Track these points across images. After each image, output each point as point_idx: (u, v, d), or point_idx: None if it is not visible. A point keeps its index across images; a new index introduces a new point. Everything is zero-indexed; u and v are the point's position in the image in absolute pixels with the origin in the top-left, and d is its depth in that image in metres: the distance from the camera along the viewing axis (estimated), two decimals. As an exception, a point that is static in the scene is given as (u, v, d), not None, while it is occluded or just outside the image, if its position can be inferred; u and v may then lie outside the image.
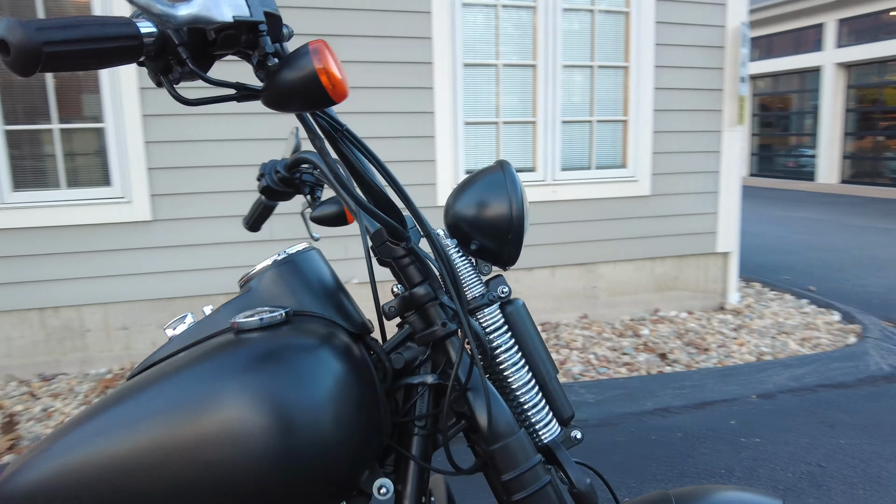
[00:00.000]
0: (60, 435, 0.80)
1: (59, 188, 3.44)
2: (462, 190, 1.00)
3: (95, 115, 3.47)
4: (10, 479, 0.80)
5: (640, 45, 4.16)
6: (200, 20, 0.67)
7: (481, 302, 0.97)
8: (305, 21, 3.59)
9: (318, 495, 0.83)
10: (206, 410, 0.78)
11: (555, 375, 1.00)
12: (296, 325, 0.88)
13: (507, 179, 0.98)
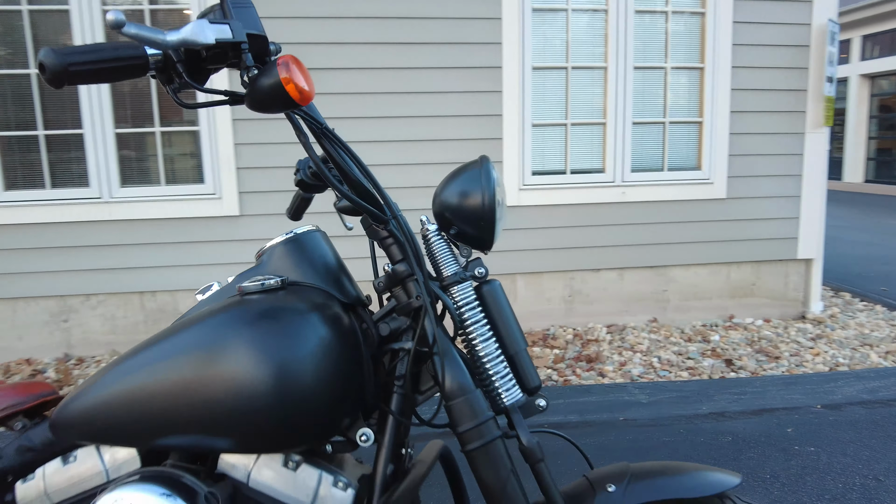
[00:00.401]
0: (104, 372, 1.01)
1: (159, 185, 3.84)
2: (447, 182, 1.12)
3: (192, 119, 3.85)
4: (66, 406, 1.01)
5: (717, 46, 4.08)
6: (187, 43, 0.84)
7: (454, 279, 1.08)
8: (387, 31, 3.80)
9: (301, 434, 0.98)
10: (210, 355, 0.95)
11: (524, 349, 1.10)
12: (291, 291, 1.04)
13: (482, 174, 1.09)
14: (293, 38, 3.75)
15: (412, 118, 3.92)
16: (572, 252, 4.19)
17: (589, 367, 3.62)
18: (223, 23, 0.88)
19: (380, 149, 3.91)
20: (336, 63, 3.81)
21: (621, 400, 3.14)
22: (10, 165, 3.76)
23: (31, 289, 3.78)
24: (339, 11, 3.77)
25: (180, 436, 0.97)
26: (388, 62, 3.85)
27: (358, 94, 3.86)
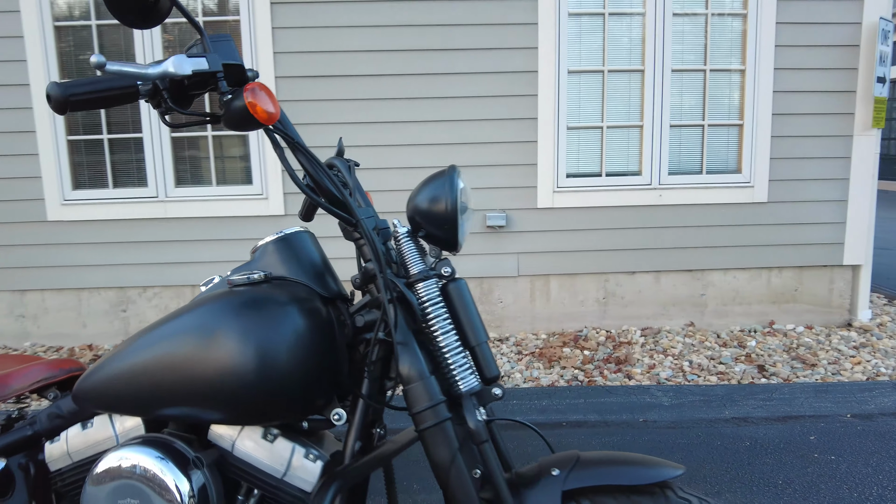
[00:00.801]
0: (115, 352, 1.17)
1: (210, 185, 4.10)
2: (418, 190, 1.23)
3: (242, 123, 4.08)
4: (84, 380, 1.18)
5: (759, 48, 4.03)
6: (168, 75, 0.99)
7: (419, 276, 1.19)
8: (426, 38, 3.94)
9: (277, 411, 1.11)
10: (200, 338, 1.10)
11: (485, 342, 1.19)
12: (274, 285, 1.17)
13: (447, 182, 1.19)
14: (340, 47, 3.93)
15: (449, 122, 4.03)
16: (607, 254, 4.22)
17: (617, 369, 3.65)
18: (201, 56, 1.02)
19: (418, 152, 4.05)
20: (380, 70, 3.96)
21: (643, 402, 3.16)
22: (77, 167, 4.09)
23: (94, 280, 4.09)
24: (382, 21, 3.93)
25: (176, 408, 1.12)
26: (426, 68, 3.98)
27: (398, 99, 4.00)
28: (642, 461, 1.14)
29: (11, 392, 1.30)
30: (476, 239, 4.14)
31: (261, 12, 3.89)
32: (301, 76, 3.98)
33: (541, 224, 4.16)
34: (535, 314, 4.27)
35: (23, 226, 4.06)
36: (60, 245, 4.08)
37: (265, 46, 3.93)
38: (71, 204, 4.04)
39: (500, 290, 4.23)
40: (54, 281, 4.12)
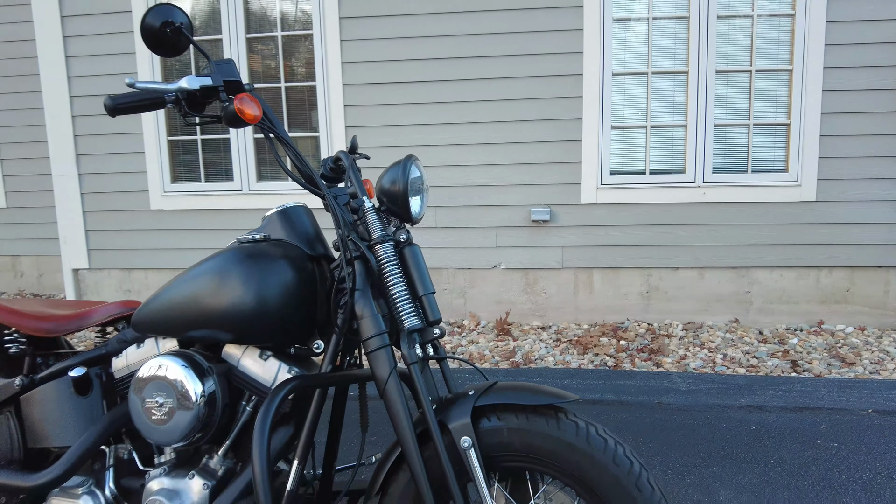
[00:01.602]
0: (160, 290, 1.59)
1: (287, 180, 4.62)
2: (383, 173, 1.57)
3: (315, 127, 4.58)
4: (137, 312, 1.61)
5: (808, 47, 4.06)
6: (182, 89, 1.39)
7: (378, 240, 1.52)
8: (477, 46, 4.27)
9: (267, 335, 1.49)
10: (214, 279, 1.49)
11: (431, 293, 1.51)
12: (271, 244, 1.56)
13: (402, 168, 1.53)
14: (400, 56, 4.34)
15: (497, 122, 4.34)
16: (650, 249, 4.37)
17: (647, 358, 3.82)
18: (207, 75, 1.42)
19: (469, 151, 4.38)
20: (436, 76, 4.34)
21: (661, 386, 3.34)
22: (175, 163, 4.73)
23: (188, 261, 4.71)
24: (438, 31, 4.30)
25: (198, 331, 1.52)
26: (477, 74, 4.31)
27: (451, 102, 4.36)
28: (544, 390, 1.42)
29: (92, 323, 1.76)
30: (521, 232, 4.42)
31: (331, 27, 4.36)
32: (365, 83, 4.42)
33: (584, 219, 4.38)
34: (578, 305, 4.49)
35: (130, 213, 4.75)
36: (161, 230, 4.74)
37: (334, 56, 4.40)
38: (170, 195, 4.69)
39: (544, 281, 4.48)
40: (155, 261, 4.78)
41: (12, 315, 1.77)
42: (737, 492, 2.33)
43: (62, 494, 1.65)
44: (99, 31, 4.67)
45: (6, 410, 1.80)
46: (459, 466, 1.38)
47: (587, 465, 1.32)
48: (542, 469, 1.37)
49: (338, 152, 1.67)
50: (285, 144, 1.53)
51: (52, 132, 4.83)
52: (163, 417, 1.48)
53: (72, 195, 4.87)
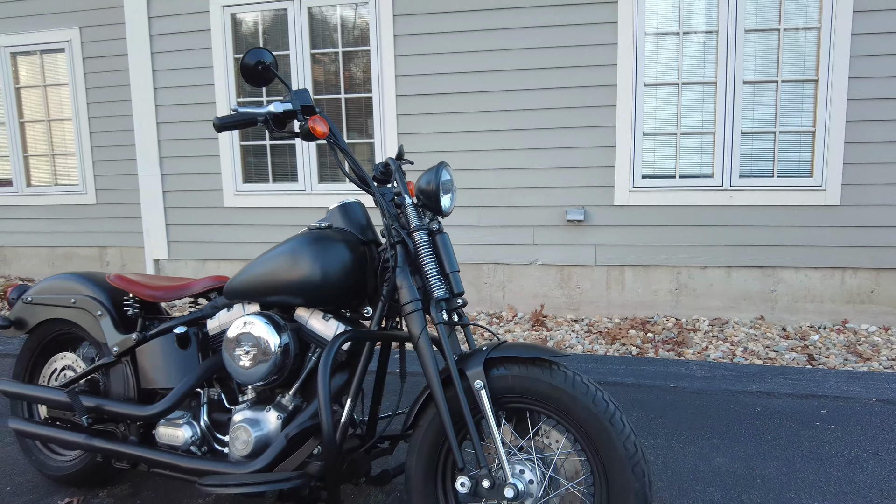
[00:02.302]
0: (252, 261, 2.04)
1: (345, 181, 5.11)
2: (421, 176, 1.98)
3: (370, 134, 5.05)
4: (228, 284, 2.07)
5: (833, 58, 4.27)
6: (270, 112, 1.83)
7: (415, 228, 1.92)
8: (521, 59, 4.66)
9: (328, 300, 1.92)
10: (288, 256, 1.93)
11: (456, 271, 1.91)
12: (333, 230, 1.99)
13: (435, 172, 1.93)
14: (448, 69, 4.77)
15: (537, 130, 4.71)
16: (680, 249, 4.66)
17: (671, 349, 4.12)
18: (289, 101, 1.86)
19: (509, 156, 4.77)
20: (480, 88, 4.74)
21: (678, 372, 3.64)
22: (246, 165, 5.28)
23: (254, 254, 5.26)
24: (482, 46, 4.70)
25: (276, 297, 1.97)
26: (518, 85, 4.69)
27: (494, 111, 4.75)
28: (542, 347, 1.80)
29: (192, 293, 2.23)
30: (557, 231, 4.77)
31: (386, 43, 4.82)
32: (416, 94, 4.86)
33: (617, 219, 4.70)
34: (610, 300, 4.81)
35: (206, 210, 5.33)
36: (232, 226, 5.30)
37: (389, 70, 4.86)
38: (241, 194, 5.24)
39: (578, 277, 4.82)
40: (227, 253, 5.35)
41: (131, 284, 2.27)
42: (730, 459, 2.64)
43: (167, 424, 2.12)
44: (181, 47, 5.27)
45: (124, 359, 2.29)
46: (474, 406, 1.77)
47: (572, 404, 1.69)
48: (539, 409, 1.76)
49: (387, 159, 2.08)
50: (345, 153, 1.96)
51: (139, 137, 5.46)
52: (249, 363, 1.93)
53: (155, 193, 5.48)
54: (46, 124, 6.53)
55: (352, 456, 1.98)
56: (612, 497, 1.66)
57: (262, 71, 1.90)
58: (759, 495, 2.35)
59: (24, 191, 6.63)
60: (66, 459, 2.51)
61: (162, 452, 2.06)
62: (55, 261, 6.58)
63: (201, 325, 2.22)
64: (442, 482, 1.84)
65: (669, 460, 2.65)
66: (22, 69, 6.51)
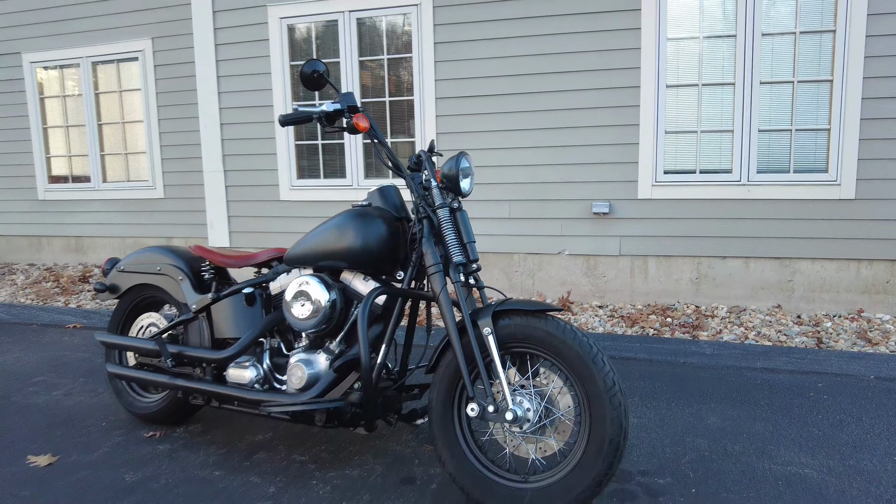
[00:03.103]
0: (307, 234, 2.50)
1: (385, 179, 5.56)
2: (444, 163, 2.39)
3: (412, 133, 5.50)
4: (289, 253, 2.54)
5: (848, 60, 4.50)
6: (323, 112, 2.28)
7: (439, 206, 2.34)
8: (547, 63, 5.04)
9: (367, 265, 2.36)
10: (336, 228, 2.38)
11: (472, 241, 2.31)
12: (372, 208, 2.43)
13: (456, 160, 2.34)
14: (482, 74, 5.18)
15: (564, 129, 5.07)
16: (700, 240, 4.94)
17: (686, 332, 4.42)
18: (338, 102, 2.31)
19: (538, 153, 5.14)
20: (511, 90, 5.14)
21: (689, 350, 3.95)
22: (300, 163, 5.80)
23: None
24: (512, 52, 5.10)
25: (326, 261, 2.41)
26: (546, 87, 5.06)
27: (523, 112, 5.14)
28: (542, 303, 2.18)
29: (258, 262, 2.70)
30: (583, 223, 5.12)
31: (427, 51, 5.26)
32: (454, 97, 5.28)
33: (640, 212, 5.02)
34: (634, 289, 5.13)
35: (264, 203, 5.88)
36: (287, 217, 5.83)
37: (429, 75, 5.29)
38: (296, 188, 5.76)
39: (603, 266, 5.15)
40: (283, 242, 5.87)
41: (209, 253, 2.76)
42: (722, 420, 2.96)
43: (236, 366, 2.59)
44: (243, 55, 5.82)
45: (201, 316, 2.78)
46: (485, 351, 2.17)
47: (563, 347, 2.07)
48: (536, 352, 2.14)
49: (419, 151, 2.51)
50: (382, 145, 2.39)
51: (204, 137, 6.04)
52: (304, 314, 2.38)
53: (218, 188, 6.06)
54: (121, 126, 7.20)
55: (385, 393, 2.41)
56: (594, 423, 2.03)
57: (316, 78, 2.35)
58: (742, 446, 2.68)
59: (101, 186, 7.32)
60: (150, 401, 3.02)
61: (231, 388, 2.53)
62: (126, 250, 7.25)
63: (264, 287, 2.69)
64: (457, 410, 2.24)
65: (667, 419, 2.99)
66: (101, 76, 7.21)
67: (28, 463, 2.64)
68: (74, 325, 4.99)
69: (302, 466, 2.55)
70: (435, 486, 2.38)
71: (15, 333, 4.81)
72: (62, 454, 2.73)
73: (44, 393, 3.50)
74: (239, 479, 2.46)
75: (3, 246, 7.83)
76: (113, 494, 2.37)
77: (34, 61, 7.31)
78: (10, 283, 6.78)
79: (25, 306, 5.73)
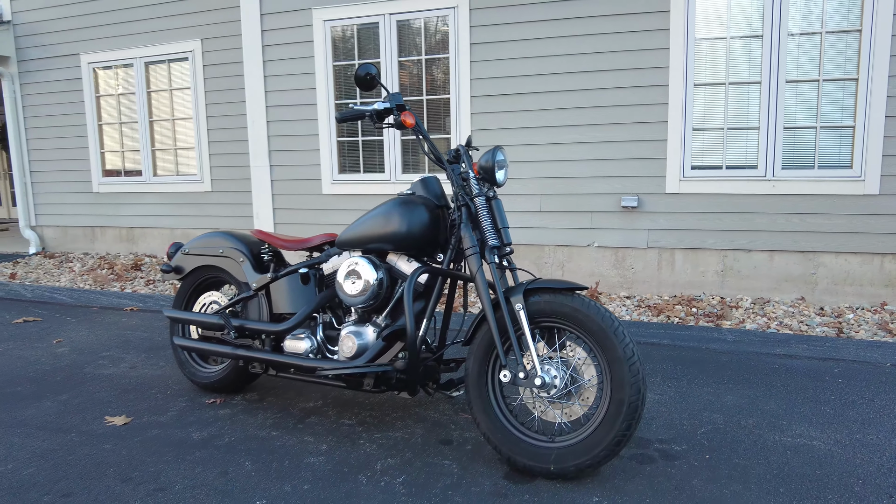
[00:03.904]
0: (356, 220, 2.78)
1: (421, 174, 5.83)
2: (481, 156, 2.64)
3: (447, 129, 5.76)
4: (341, 237, 2.82)
5: (874, 58, 4.62)
6: (374, 110, 2.56)
7: (476, 194, 2.58)
8: (579, 63, 5.25)
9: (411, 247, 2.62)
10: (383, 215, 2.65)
11: (506, 227, 2.56)
12: (415, 197, 2.69)
13: (491, 154, 2.58)
14: (514, 73, 5.41)
15: (594, 125, 5.28)
16: (726, 233, 5.11)
17: (710, 321, 4.60)
18: (387, 101, 2.58)
19: (569, 149, 5.35)
20: (543, 88, 5.36)
21: (711, 336, 4.14)
22: (341, 158, 6.11)
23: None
24: (544, 52, 5.32)
25: (374, 244, 2.69)
26: (578, 85, 5.28)
27: (556, 109, 5.35)
28: (568, 281, 2.42)
29: (312, 245, 2.99)
30: (612, 217, 5.32)
31: (463, 51, 5.52)
32: (488, 95, 5.53)
33: (668, 206, 5.20)
34: (661, 280, 5.31)
35: (307, 196, 6.20)
36: (329, 210, 6.14)
37: (465, 74, 5.55)
38: (337, 182, 6.07)
39: (631, 258, 5.35)
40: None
41: (269, 237, 3.06)
42: (739, 398, 3.16)
43: (293, 338, 2.88)
44: (288, 56, 6.15)
45: (261, 293, 3.08)
46: (516, 325, 2.42)
47: (587, 321, 2.31)
48: (563, 325, 2.38)
49: (458, 145, 2.76)
50: (426, 139, 2.65)
51: (251, 133, 6.39)
52: (354, 291, 2.66)
53: (264, 182, 6.40)
54: (171, 123, 7.61)
55: (426, 363, 2.67)
56: (614, 388, 2.27)
57: (369, 80, 2.62)
58: (756, 420, 2.88)
59: (151, 180, 7.74)
60: (210, 371, 3.33)
61: (289, 356, 2.82)
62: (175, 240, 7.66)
63: (317, 268, 2.98)
64: (491, 377, 2.49)
65: (686, 396, 3.19)
66: (153, 76, 7.62)
67: (106, 423, 2.97)
68: (132, 308, 5.37)
69: (350, 429, 2.83)
70: (470, 447, 2.64)
71: (79, 314, 5.20)
72: (135, 416, 3.05)
73: (112, 366, 3.85)
74: (294, 438, 2.75)
75: (61, 236, 8.33)
76: (184, 449, 2.68)
77: (91, 62, 7.76)
78: (69, 269, 7.24)
79: (85, 290, 6.14)
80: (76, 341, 4.40)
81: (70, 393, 3.39)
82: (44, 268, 7.42)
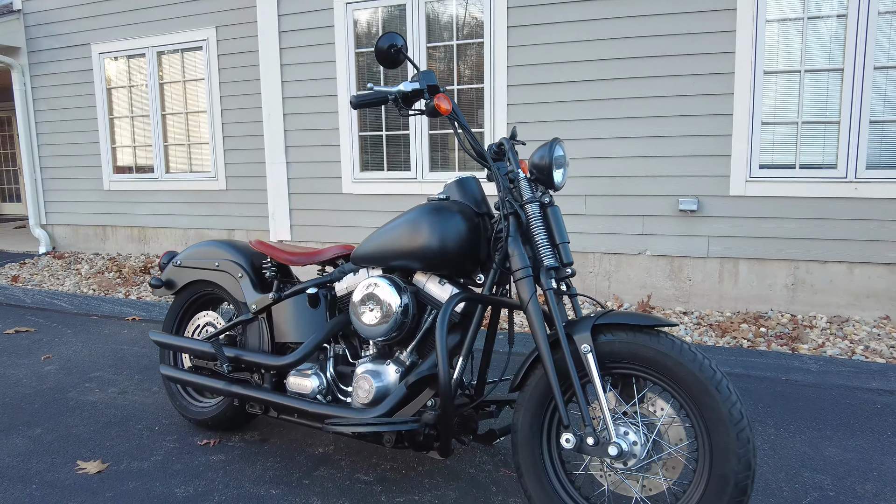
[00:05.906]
0: (377, 230, 2.24)
1: (454, 170, 5.28)
2: (535, 151, 2.09)
3: (480, 124, 5.20)
4: (355, 252, 2.28)
5: (981, 41, 3.96)
6: (400, 91, 2.00)
7: (528, 201, 2.03)
8: (634, 47, 4.65)
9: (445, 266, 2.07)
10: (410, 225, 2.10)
11: (566, 242, 2.00)
12: (450, 202, 2.14)
13: (549, 148, 2.03)
14: (558, 59, 4.83)
15: (648, 118, 4.68)
16: (798, 242, 4.47)
17: (783, 344, 3.98)
18: (416, 81, 2.02)
19: (620, 144, 4.76)
20: (590, 76, 4.77)
21: (790, 365, 3.53)
22: (363, 154, 5.58)
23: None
24: (592, 35, 4.73)
25: (398, 261, 2.14)
26: (629, 73, 4.68)
27: (604, 100, 4.76)
28: (651, 316, 1.86)
29: (322, 259, 2.46)
30: (668, 221, 4.71)
31: (499, 35, 4.95)
32: (527, 84, 4.95)
33: (732, 210, 4.58)
34: (722, 294, 4.69)
35: (326, 196, 5.69)
36: (350, 211, 5.62)
37: (501, 61, 4.98)
38: (358, 181, 5.55)
39: (689, 268, 4.74)
40: (344, 236, 5.67)
41: (271, 249, 2.53)
42: (844, 451, 2.56)
43: (297, 374, 2.36)
44: (307, 43, 5.64)
45: (261, 316, 2.56)
46: (581, 370, 1.86)
47: (679, 370, 1.74)
48: (644, 374, 1.82)
49: (501, 139, 2.21)
50: (465, 129, 2.10)
51: (267, 128, 5.90)
52: (373, 320, 2.12)
53: (280, 179, 5.91)
54: (184, 116, 7.16)
55: (461, 411, 2.12)
56: (716, 461, 1.70)
57: (393, 53, 2.07)
58: (875, 486, 2.28)
59: (164, 177, 7.30)
60: (204, 406, 2.82)
61: (291, 398, 2.29)
62: (188, 241, 7.21)
63: (329, 287, 2.45)
64: (547, 438, 1.94)
65: (777, 447, 2.61)
66: (165, 66, 7.18)
67: (77, 470, 2.48)
68: (134, 318, 4.92)
69: (367, 488, 2.29)
70: (517, 520, 2.09)
71: (76, 324, 4.76)
72: (112, 460, 2.56)
73: (99, 390, 3.37)
74: (298, 499, 2.23)
75: (72, 235, 7.94)
76: (163, 511, 2.17)
77: (103, 52, 7.34)
78: (76, 272, 6.83)
79: (87, 297, 5.71)
80: (66, 357, 3.94)
81: (45, 426, 2.91)
82: (50, 270, 7.03)
